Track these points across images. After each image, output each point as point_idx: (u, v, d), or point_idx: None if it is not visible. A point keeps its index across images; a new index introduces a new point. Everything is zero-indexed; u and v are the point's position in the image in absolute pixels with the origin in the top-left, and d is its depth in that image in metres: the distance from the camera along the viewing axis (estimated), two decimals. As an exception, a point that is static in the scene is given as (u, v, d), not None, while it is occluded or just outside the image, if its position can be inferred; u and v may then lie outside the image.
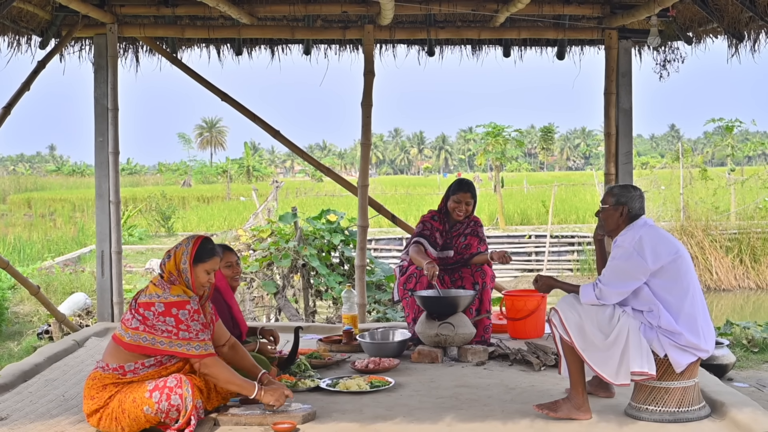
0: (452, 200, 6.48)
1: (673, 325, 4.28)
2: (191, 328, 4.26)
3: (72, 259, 17.66)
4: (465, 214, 6.48)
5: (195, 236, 4.55)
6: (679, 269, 4.34)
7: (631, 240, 4.40)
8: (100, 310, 7.71)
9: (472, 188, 6.56)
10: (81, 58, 8.01)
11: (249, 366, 4.71)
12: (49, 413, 4.70)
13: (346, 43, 8.17)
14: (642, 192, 4.62)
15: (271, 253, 10.02)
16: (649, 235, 4.40)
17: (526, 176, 47.83)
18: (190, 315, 4.28)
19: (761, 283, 18.37)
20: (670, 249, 4.36)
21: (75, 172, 75.85)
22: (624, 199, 4.53)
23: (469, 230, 6.57)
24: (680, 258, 4.36)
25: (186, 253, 4.42)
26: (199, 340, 4.27)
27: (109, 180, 7.66)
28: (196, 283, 4.43)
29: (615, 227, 4.57)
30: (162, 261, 4.50)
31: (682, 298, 4.31)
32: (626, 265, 4.35)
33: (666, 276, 4.33)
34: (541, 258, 21.11)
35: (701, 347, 4.31)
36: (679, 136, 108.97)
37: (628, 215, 4.52)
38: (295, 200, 34.57)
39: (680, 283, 4.33)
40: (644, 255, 4.33)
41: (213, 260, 4.48)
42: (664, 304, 4.32)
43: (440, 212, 6.59)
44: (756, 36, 6.98)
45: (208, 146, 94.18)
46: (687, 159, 24.27)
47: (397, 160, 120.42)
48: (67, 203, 36.28)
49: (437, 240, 6.50)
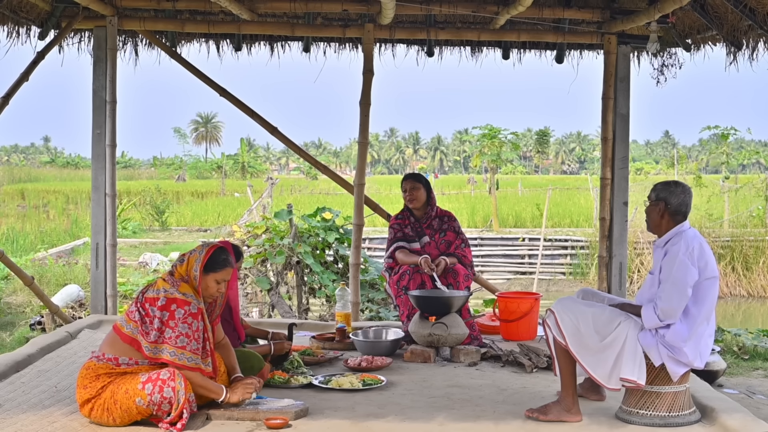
0: (402, 189, 6.67)
1: (678, 342, 4.23)
2: (176, 329, 4.23)
3: (65, 251, 17.65)
4: (418, 200, 6.61)
5: (210, 244, 4.53)
6: (712, 290, 4.29)
7: (685, 250, 4.25)
8: (94, 303, 7.71)
9: (414, 176, 6.77)
10: (80, 49, 8.01)
11: (229, 366, 4.68)
12: (42, 404, 4.70)
13: (346, 42, 8.18)
14: (688, 189, 4.44)
15: (265, 249, 10.03)
16: (702, 247, 4.28)
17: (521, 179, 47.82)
18: (184, 315, 4.26)
19: (753, 291, 18.44)
20: (712, 267, 4.28)
21: (69, 164, 75.72)
22: (664, 195, 4.40)
23: (446, 225, 6.66)
24: (716, 279, 4.30)
25: (198, 261, 4.40)
26: (176, 346, 4.22)
27: (105, 172, 7.65)
28: (205, 292, 4.42)
29: (656, 224, 4.45)
30: (174, 263, 4.49)
31: (704, 318, 4.27)
32: (684, 276, 4.19)
33: (700, 293, 4.25)
34: (534, 261, 21.13)
35: (694, 364, 4.31)
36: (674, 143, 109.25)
37: (667, 211, 4.38)
38: (289, 197, 34.55)
39: (708, 303, 4.27)
40: (696, 264, 4.22)
41: (225, 271, 4.44)
42: (689, 317, 4.24)
43: (404, 209, 6.75)
44: (755, 44, 7.00)
45: (204, 141, 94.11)
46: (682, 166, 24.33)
47: (392, 160, 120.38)
48: (60, 195, 36.21)
49: (410, 233, 6.62)
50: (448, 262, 6.40)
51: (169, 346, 4.22)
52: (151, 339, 4.23)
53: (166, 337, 4.23)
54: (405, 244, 6.59)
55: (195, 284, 4.37)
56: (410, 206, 6.66)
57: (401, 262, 6.50)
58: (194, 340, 4.27)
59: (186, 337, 4.25)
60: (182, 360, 4.24)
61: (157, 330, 4.23)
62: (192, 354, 4.26)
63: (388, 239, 6.71)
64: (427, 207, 6.66)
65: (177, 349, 4.23)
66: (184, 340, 4.24)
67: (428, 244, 6.59)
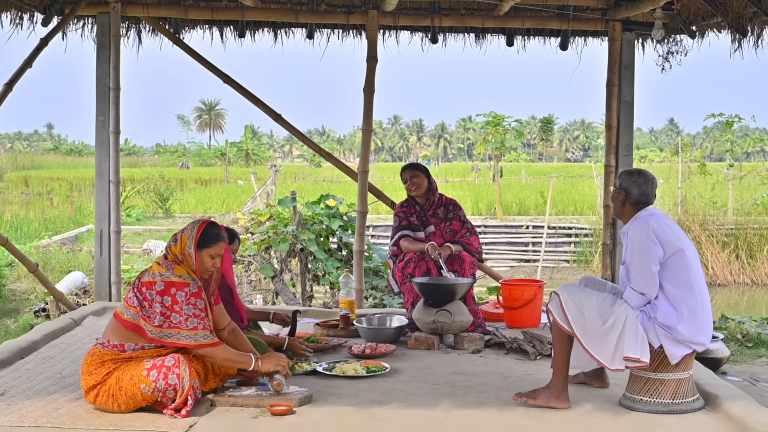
0: (403, 179, 6.68)
1: (669, 320, 4.29)
2: (183, 312, 4.24)
3: (69, 238, 17.67)
4: (420, 187, 6.60)
5: (201, 221, 4.53)
6: (684, 262, 4.34)
7: (640, 231, 4.38)
8: (98, 290, 7.72)
9: (414, 165, 6.78)
10: (83, 36, 8.00)
11: (248, 350, 4.70)
12: (47, 390, 4.72)
13: (350, 29, 8.16)
14: (650, 179, 4.56)
15: (269, 236, 10.04)
16: (658, 224, 4.39)
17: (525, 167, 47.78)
18: (186, 297, 4.27)
19: (756, 279, 18.41)
20: (674, 241, 4.36)
21: (73, 152, 75.70)
22: (626, 184, 4.53)
23: (451, 214, 6.65)
24: (686, 251, 4.35)
25: (191, 238, 4.41)
26: (188, 329, 4.24)
27: (109, 159, 7.65)
28: (201, 267, 4.43)
29: (619, 212, 4.61)
30: (168, 244, 4.50)
31: (686, 292, 4.32)
32: (644, 256, 4.33)
33: (671, 268, 4.34)
34: (538, 249, 21.13)
35: (697, 341, 4.33)
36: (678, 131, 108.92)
37: (628, 200, 4.52)
38: (293, 185, 34.55)
39: (684, 276, 4.33)
40: (656, 242, 4.33)
41: (218, 245, 4.46)
42: (668, 295, 4.33)
43: (408, 198, 6.75)
44: (759, 32, 6.99)
45: (207, 129, 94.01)
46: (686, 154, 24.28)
47: (395, 148, 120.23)
48: (64, 182, 36.25)
49: (415, 222, 6.62)
50: (453, 249, 6.40)
51: (181, 330, 4.24)
52: (155, 323, 4.24)
53: (174, 322, 4.24)
54: (410, 233, 6.59)
55: (191, 262, 4.38)
56: (413, 195, 6.65)
57: (406, 250, 6.50)
58: (204, 318, 4.30)
59: (195, 317, 4.27)
60: (199, 340, 4.27)
61: (161, 314, 4.24)
62: (206, 331, 4.29)
63: (393, 227, 6.70)
64: (429, 194, 6.67)
65: (190, 332, 4.25)
66: (194, 321, 4.27)
67: (433, 233, 6.58)
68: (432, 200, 6.67)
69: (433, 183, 6.71)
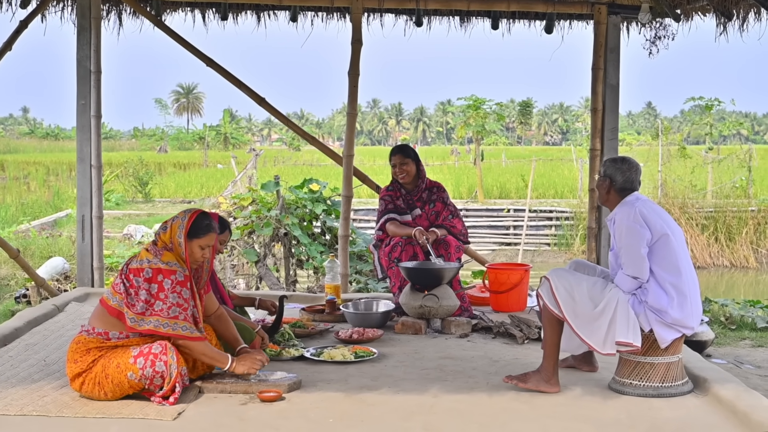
0: (391, 164, 6.59)
1: (660, 303, 4.30)
2: (167, 300, 4.19)
3: (48, 223, 17.51)
4: (408, 174, 6.53)
5: (192, 210, 4.48)
6: (671, 246, 4.35)
7: (627, 216, 4.40)
8: (80, 275, 7.64)
9: (403, 149, 6.65)
10: (63, 18, 7.86)
11: (231, 337, 4.68)
12: (31, 378, 4.66)
13: (334, 11, 8.07)
14: (634, 165, 4.59)
15: (252, 221, 9.97)
16: (645, 208, 4.42)
17: (505, 150, 47.80)
18: (172, 285, 4.22)
19: (735, 261, 18.57)
20: (661, 225, 4.37)
21: (49, 135, 75.01)
22: (610, 172, 4.57)
23: (435, 196, 6.61)
24: (671, 236, 4.37)
25: (181, 227, 4.36)
26: (168, 317, 4.19)
27: (90, 144, 7.56)
28: (191, 258, 4.38)
29: (605, 199, 4.64)
30: (157, 231, 4.44)
31: (675, 275, 4.33)
32: (633, 240, 4.34)
33: (658, 252, 4.35)
34: (519, 232, 21.18)
35: (687, 324, 4.35)
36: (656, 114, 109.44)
37: (613, 187, 4.55)
38: (273, 169, 34.42)
39: (672, 260, 4.34)
40: (644, 225, 4.35)
41: (208, 236, 4.41)
42: (657, 279, 4.34)
43: (393, 182, 6.67)
44: (745, 15, 6.98)
45: (185, 112, 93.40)
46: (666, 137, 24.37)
47: (375, 131, 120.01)
48: (41, 167, 35.88)
49: (401, 206, 6.56)
50: (439, 234, 6.37)
51: (161, 318, 4.18)
52: (137, 310, 4.19)
53: (156, 309, 4.18)
54: (396, 216, 6.54)
55: (180, 251, 4.33)
56: (401, 181, 6.59)
57: (392, 234, 6.45)
58: (186, 309, 4.24)
59: (178, 306, 4.21)
60: (177, 330, 4.20)
61: (145, 302, 4.19)
62: (186, 323, 4.23)
63: (379, 211, 6.65)
64: (417, 180, 6.61)
65: (170, 320, 4.19)
66: (176, 310, 4.21)
67: (419, 216, 6.55)
68: (420, 187, 6.61)
69: (422, 170, 6.64)
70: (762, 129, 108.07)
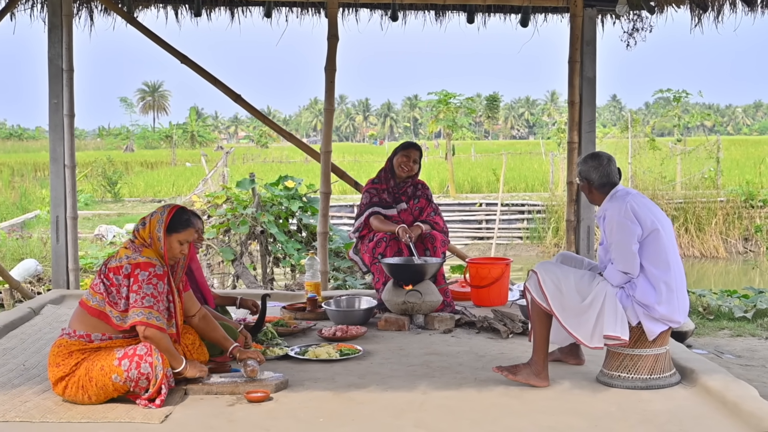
0: (401, 155, 6.54)
1: (648, 299, 4.30)
2: (141, 291, 4.13)
3: (17, 225, 17.25)
4: (410, 171, 6.53)
5: (170, 205, 4.44)
6: (660, 241, 4.35)
7: (618, 212, 4.39)
8: (56, 277, 7.51)
9: (418, 147, 6.67)
10: (32, 16, 7.71)
11: (220, 338, 4.63)
12: (11, 383, 4.56)
13: (309, 6, 7.99)
14: (605, 159, 4.59)
15: (228, 219, 9.88)
16: (636, 203, 4.41)
17: (474, 144, 47.93)
18: (148, 277, 4.16)
19: (705, 251, 18.77)
20: (652, 221, 4.36)
21: (12, 136, 73.89)
22: (584, 173, 4.60)
23: (420, 192, 6.60)
24: (661, 230, 4.36)
25: (161, 222, 4.32)
26: (143, 306, 4.12)
27: (64, 143, 7.43)
28: (169, 253, 4.33)
29: (590, 199, 4.67)
30: (136, 227, 4.38)
31: (663, 270, 4.33)
32: (624, 236, 4.34)
33: (648, 247, 4.35)
34: (492, 226, 21.23)
35: (674, 319, 4.35)
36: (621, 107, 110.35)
37: (593, 187, 4.57)
38: (242, 166, 34.25)
39: (662, 255, 4.34)
40: (635, 221, 4.34)
41: (187, 231, 4.38)
42: (647, 274, 4.33)
43: (385, 171, 6.63)
44: (720, 6, 7.01)
45: (151, 111, 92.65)
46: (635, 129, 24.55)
47: (342, 127, 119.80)
48: (5, 167, 35.31)
49: (387, 199, 6.53)
50: (423, 228, 6.35)
51: (136, 308, 4.12)
52: (121, 308, 4.14)
53: (131, 302, 4.14)
54: (381, 210, 6.49)
55: (159, 246, 4.28)
56: (402, 174, 6.54)
57: (376, 229, 6.40)
58: (160, 302, 4.18)
59: (152, 297, 4.15)
60: (151, 320, 4.13)
61: (125, 298, 4.14)
62: (159, 314, 4.16)
63: (362, 203, 6.60)
64: (414, 176, 6.64)
65: (144, 309, 4.12)
66: (150, 300, 4.15)
67: (404, 210, 6.52)
68: (408, 182, 6.60)
69: (419, 166, 6.67)
70: (725, 120, 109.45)
